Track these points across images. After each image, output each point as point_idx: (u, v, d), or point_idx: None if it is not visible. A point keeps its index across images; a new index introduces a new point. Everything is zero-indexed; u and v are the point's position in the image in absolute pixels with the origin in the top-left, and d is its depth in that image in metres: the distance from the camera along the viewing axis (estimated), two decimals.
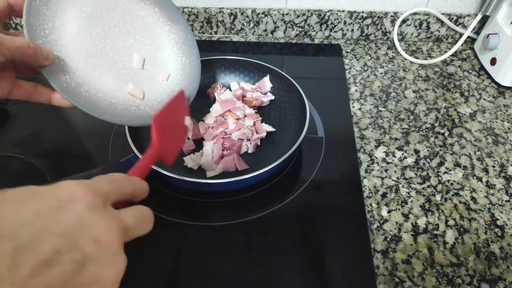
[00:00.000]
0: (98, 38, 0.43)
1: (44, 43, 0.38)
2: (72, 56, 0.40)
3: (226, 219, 0.47)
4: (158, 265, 0.43)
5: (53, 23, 0.39)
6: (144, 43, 0.48)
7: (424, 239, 0.45)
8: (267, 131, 0.56)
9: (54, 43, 0.39)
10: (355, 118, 0.61)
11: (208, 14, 0.77)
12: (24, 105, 0.39)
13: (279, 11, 0.76)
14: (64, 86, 0.38)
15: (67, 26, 0.40)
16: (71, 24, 0.41)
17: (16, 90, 0.37)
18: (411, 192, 0.50)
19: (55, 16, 0.39)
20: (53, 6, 0.39)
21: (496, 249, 0.44)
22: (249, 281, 0.41)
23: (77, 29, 0.41)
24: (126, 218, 0.25)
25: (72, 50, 0.40)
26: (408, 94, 0.66)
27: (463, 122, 0.60)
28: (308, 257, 0.43)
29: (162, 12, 0.50)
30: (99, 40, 0.43)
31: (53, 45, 0.39)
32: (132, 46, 0.46)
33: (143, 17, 0.48)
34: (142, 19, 0.48)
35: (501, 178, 0.52)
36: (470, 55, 0.75)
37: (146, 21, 0.48)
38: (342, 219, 0.47)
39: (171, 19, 0.51)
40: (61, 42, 0.39)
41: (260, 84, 0.62)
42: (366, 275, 0.42)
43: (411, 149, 0.56)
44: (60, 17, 0.40)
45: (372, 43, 0.78)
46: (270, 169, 0.45)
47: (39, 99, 0.39)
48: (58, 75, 0.38)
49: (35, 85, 0.39)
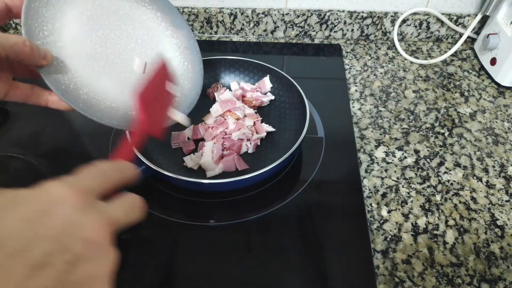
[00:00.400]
0: (99, 41, 0.43)
1: (43, 44, 0.37)
2: (71, 58, 0.40)
3: (226, 219, 0.47)
4: (158, 265, 0.43)
5: (52, 25, 0.39)
6: (146, 47, 0.48)
7: (424, 239, 0.45)
8: (267, 131, 0.56)
9: (53, 45, 0.38)
10: (355, 118, 0.61)
11: (208, 14, 0.77)
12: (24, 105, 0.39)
13: (279, 11, 0.76)
14: (63, 88, 0.38)
15: (67, 28, 0.40)
16: (71, 26, 0.40)
17: (12, 92, 0.37)
18: (411, 192, 0.50)
19: (55, 18, 0.39)
20: (53, 8, 0.39)
21: (496, 249, 0.44)
22: (249, 281, 0.41)
23: (77, 31, 0.41)
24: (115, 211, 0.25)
25: (71, 52, 0.40)
26: (408, 94, 0.66)
27: (463, 122, 0.60)
28: (308, 257, 0.43)
29: (164, 17, 0.49)
30: (99, 43, 0.43)
31: (52, 47, 0.38)
32: (133, 50, 0.46)
33: (145, 21, 0.48)
34: (144, 23, 0.48)
35: (501, 178, 0.52)
36: (470, 55, 0.75)
37: (148, 25, 0.48)
38: (342, 219, 0.47)
39: (174, 24, 0.50)
40: (60, 43, 0.39)
41: (260, 84, 0.62)
42: (366, 275, 0.42)
43: (411, 149, 0.56)
44: (60, 19, 0.39)
45: (372, 43, 0.78)
46: (270, 169, 0.45)
47: (36, 101, 0.39)
48: (56, 76, 0.38)
49: (32, 87, 0.38)
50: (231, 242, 0.45)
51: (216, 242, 0.45)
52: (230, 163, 0.51)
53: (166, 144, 0.55)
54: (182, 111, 0.48)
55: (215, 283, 0.41)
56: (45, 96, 0.39)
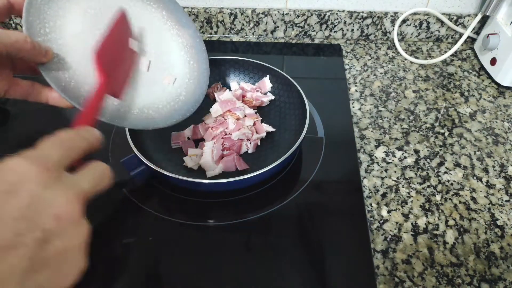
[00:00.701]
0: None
1: (44, 41, 0.37)
2: (73, 56, 0.39)
3: (226, 219, 0.47)
4: (158, 265, 0.43)
5: (54, 22, 0.38)
6: (150, 45, 0.47)
7: (424, 239, 0.45)
8: (267, 131, 0.56)
9: (54, 42, 0.38)
10: (355, 118, 0.61)
11: (208, 14, 0.77)
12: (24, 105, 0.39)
13: (279, 11, 0.76)
14: (63, 85, 0.37)
15: (69, 26, 0.40)
16: (74, 24, 0.40)
17: (13, 88, 0.37)
18: (411, 192, 0.50)
19: (57, 15, 0.39)
20: (55, 6, 0.39)
21: (496, 249, 0.44)
22: (249, 281, 0.41)
23: (80, 29, 0.41)
24: (83, 183, 0.25)
25: (73, 50, 0.39)
26: (408, 94, 0.66)
27: (463, 122, 0.60)
28: (308, 257, 0.43)
29: (169, 15, 0.49)
30: None
31: (53, 44, 0.38)
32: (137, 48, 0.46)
33: (150, 20, 0.48)
34: (149, 22, 0.47)
35: (501, 178, 0.52)
36: (470, 55, 0.75)
37: (153, 24, 0.48)
38: (342, 219, 0.47)
39: (179, 23, 0.50)
40: (62, 41, 0.39)
41: (260, 84, 0.62)
42: (366, 275, 0.42)
43: (411, 149, 0.56)
44: (62, 16, 0.39)
45: (372, 43, 0.78)
46: (270, 169, 0.45)
47: (36, 98, 0.38)
48: (57, 74, 0.37)
49: (32, 83, 0.38)
50: (231, 242, 0.45)
51: (216, 242, 0.45)
52: (230, 163, 0.51)
53: (166, 144, 0.55)
54: (187, 109, 0.48)
55: (215, 283, 0.41)
56: (46, 93, 0.39)
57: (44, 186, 0.23)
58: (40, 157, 0.24)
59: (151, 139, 0.54)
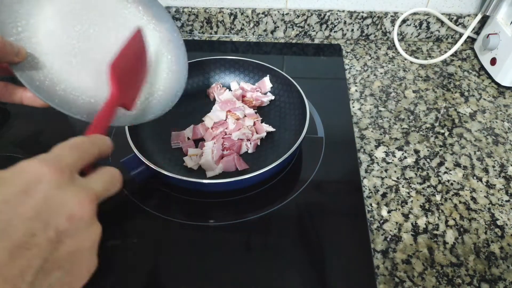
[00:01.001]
0: (77, 37, 0.41)
1: (16, 40, 0.36)
2: (47, 54, 0.38)
3: (226, 219, 0.47)
4: (158, 265, 0.43)
5: (27, 21, 0.37)
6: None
7: (424, 239, 0.45)
8: (267, 131, 0.56)
9: (27, 41, 0.37)
10: (355, 118, 0.61)
11: (208, 14, 0.77)
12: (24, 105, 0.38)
13: (279, 11, 0.76)
14: (37, 84, 0.36)
15: (43, 24, 0.39)
16: (48, 22, 0.39)
17: None
18: (411, 192, 0.50)
19: (30, 14, 0.38)
20: (27, 4, 0.38)
21: (496, 249, 0.44)
22: (249, 281, 0.41)
23: (54, 27, 0.40)
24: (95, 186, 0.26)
25: (47, 48, 0.38)
26: (408, 94, 0.66)
27: (463, 122, 0.60)
28: (308, 257, 0.43)
29: (146, 10, 0.48)
30: (77, 39, 0.41)
31: (26, 43, 0.37)
32: (114, 44, 0.44)
33: (126, 15, 0.47)
34: (125, 17, 0.46)
35: (501, 178, 0.52)
36: (470, 55, 0.75)
37: (129, 19, 0.47)
38: (342, 219, 0.47)
39: (156, 17, 0.49)
40: (36, 40, 0.38)
41: (260, 84, 0.62)
42: (366, 275, 0.42)
43: (411, 149, 0.56)
44: (36, 15, 0.38)
45: (372, 43, 0.78)
46: (270, 169, 0.45)
47: (10, 99, 0.37)
48: (30, 73, 0.36)
49: (5, 84, 0.37)
50: (231, 242, 0.45)
51: (216, 242, 0.45)
52: (230, 163, 0.51)
53: (166, 144, 0.55)
54: (166, 103, 0.47)
55: (215, 283, 0.41)
56: (19, 93, 0.37)
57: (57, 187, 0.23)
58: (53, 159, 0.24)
59: (151, 139, 0.54)
